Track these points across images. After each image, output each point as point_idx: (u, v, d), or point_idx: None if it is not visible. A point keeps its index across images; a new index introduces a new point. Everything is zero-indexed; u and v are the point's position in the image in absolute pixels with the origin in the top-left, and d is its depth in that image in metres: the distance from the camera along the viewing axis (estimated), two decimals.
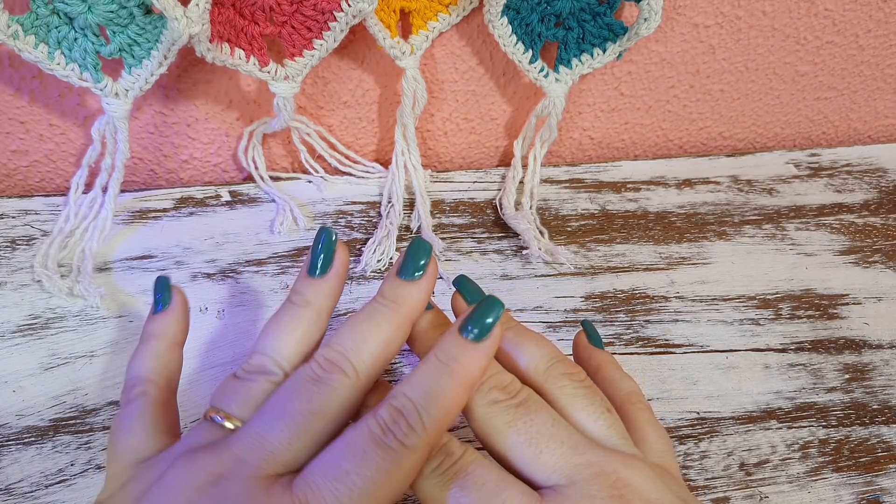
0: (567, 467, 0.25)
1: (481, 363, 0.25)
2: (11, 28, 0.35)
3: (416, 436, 0.23)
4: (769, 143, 0.57)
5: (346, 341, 0.25)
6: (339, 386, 0.25)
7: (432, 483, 0.25)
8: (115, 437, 0.27)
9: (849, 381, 0.39)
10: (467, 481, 0.24)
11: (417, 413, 0.23)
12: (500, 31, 0.43)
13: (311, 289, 0.28)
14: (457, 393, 0.24)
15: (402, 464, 0.23)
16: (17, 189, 0.48)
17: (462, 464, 0.25)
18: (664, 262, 0.45)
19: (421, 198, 0.46)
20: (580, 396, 0.27)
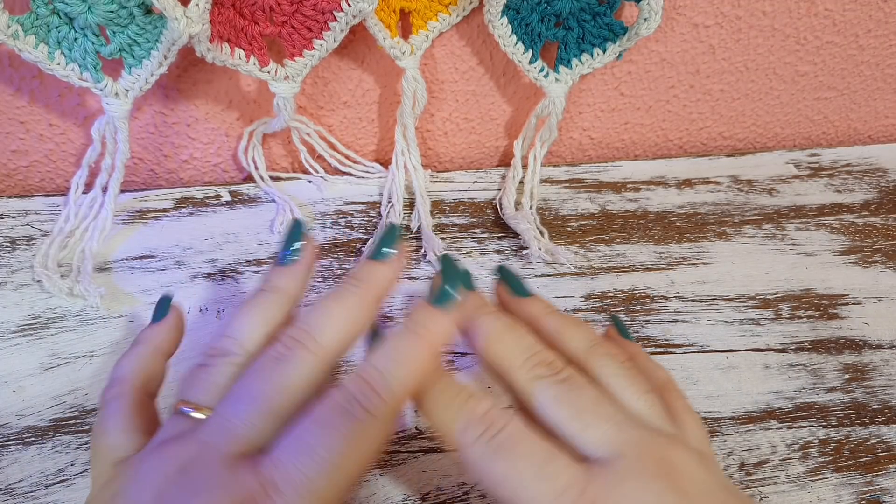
0: (613, 442, 0.25)
1: (445, 326, 0.25)
2: (11, 28, 0.35)
3: (382, 403, 0.23)
4: (769, 143, 0.57)
5: (311, 319, 0.26)
6: (302, 362, 0.25)
7: (479, 451, 0.24)
8: (94, 439, 0.27)
9: (849, 381, 0.39)
10: (515, 452, 0.24)
11: (384, 379, 0.24)
12: (500, 31, 0.43)
13: (280, 275, 0.28)
14: (421, 355, 0.25)
15: (368, 431, 0.23)
16: (17, 189, 0.48)
17: (508, 434, 0.25)
18: (664, 262, 0.45)
19: (421, 198, 0.46)
20: (622, 376, 0.27)
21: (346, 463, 0.23)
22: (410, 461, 0.34)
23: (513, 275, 0.31)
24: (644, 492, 0.23)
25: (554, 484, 0.23)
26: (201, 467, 0.23)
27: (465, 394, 0.26)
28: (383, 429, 0.24)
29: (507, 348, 0.27)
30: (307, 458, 0.22)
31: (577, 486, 0.23)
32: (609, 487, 0.23)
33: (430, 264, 0.43)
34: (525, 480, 0.24)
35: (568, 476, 0.24)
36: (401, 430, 0.35)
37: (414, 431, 0.35)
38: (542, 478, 0.24)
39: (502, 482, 0.24)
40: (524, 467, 0.24)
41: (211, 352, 0.27)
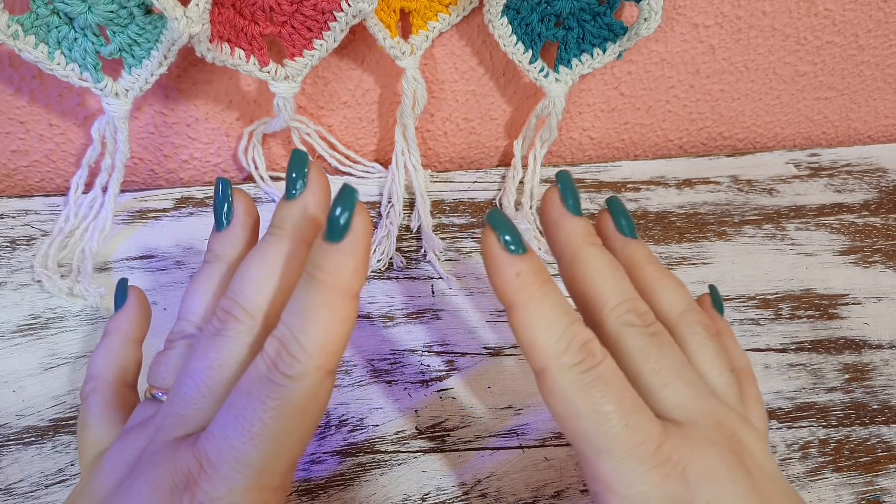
0: (690, 408, 0.24)
1: (348, 264, 0.22)
2: (11, 28, 0.35)
3: (299, 364, 0.22)
4: (769, 143, 0.57)
5: (235, 286, 0.24)
6: (234, 333, 0.24)
7: (572, 379, 0.23)
8: (78, 436, 0.27)
9: (849, 381, 0.39)
10: (608, 391, 0.23)
11: (295, 339, 0.22)
12: (500, 31, 0.43)
13: (218, 242, 0.27)
14: (331, 305, 0.22)
15: (292, 396, 0.22)
16: (17, 189, 0.48)
17: (603, 370, 0.23)
18: (664, 262, 0.45)
19: (421, 198, 0.46)
20: (709, 348, 0.27)
21: (276, 431, 0.22)
22: (410, 461, 0.34)
23: (622, 210, 0.29)
24: (716, 461, 0.23)
25: (635, 433, 0.23)
26: (151, 451, 0.24)
27: (571, 316, 0.24)
28: (309, 390, 0.22)
29: (607, 285, 0.26)
30: (234, 431, 0.22)
31: (654, 442, 0.23)
32: (683, 450, 0.23)
33: (430, 264, 0.43)
34: (608, 423, 0.23)
35: (649, 429, 0.23)
36: (400, 430, 0.35)
37: (414, 431, 0.35)
38: (625, 424, 0.23)
39: (584, 416, 0.23)
40: (611, 409, 0.23)
41: (170, 336, 0.27)
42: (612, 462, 0.23)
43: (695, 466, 0.23)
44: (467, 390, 0.37)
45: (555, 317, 0.23)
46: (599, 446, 0.23)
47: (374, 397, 0.37)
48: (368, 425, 0.36)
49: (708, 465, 0.23)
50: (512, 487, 0.34)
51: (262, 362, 0.22)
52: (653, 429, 0.23)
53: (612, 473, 0.23)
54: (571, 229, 0.26)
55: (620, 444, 0.23)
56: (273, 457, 0.22)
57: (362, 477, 0.34)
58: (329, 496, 0.33)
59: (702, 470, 0.23)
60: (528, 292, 0.24)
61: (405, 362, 0.38)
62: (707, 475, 0.23)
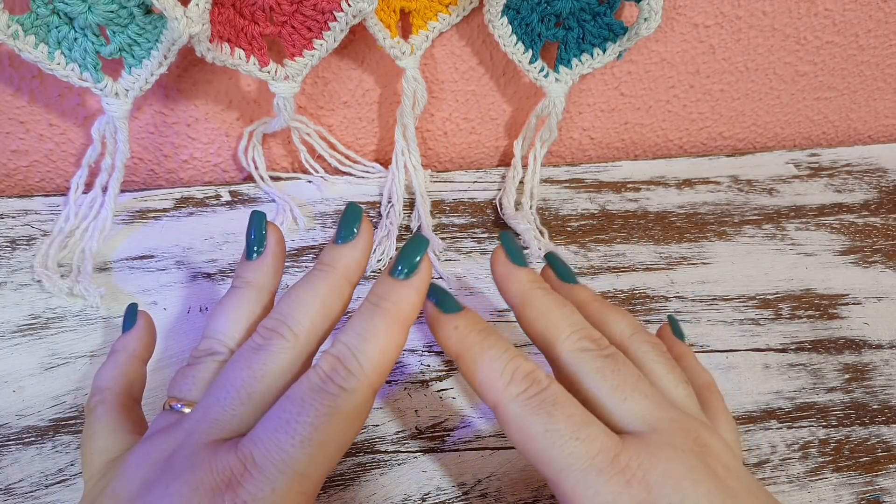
0: (650, 417, 0.25)
1: (412, 299, 0.25)
2: (11, 28, 0.35)
3: (354, 378, 0.23)
4: (769, 143, 0.57)
5: (283, 308, 0.26)
6: (279, 349, 0.25)
7: (520, 406, 0.25)
8: (84, 445, 0.28)
9: (849, 381, 0.39)
10: (556, 411, 0.24)
11: (353, 356, 0.24)
12: (500, 31, 0.43)
13: (249, 270, 0.29)
14: (390, 330, 0.24)
15: (343, 407, 0.23)
16: (17, 189, 0.48)
17: (550, 393, 0.25)
18: (664, 262, 0.45)
19: (421, 198, 0.46)
20: (662, 363, 0.28)
21: (322, 437, 0.23)
22: (410, 461, 0.34)
23: (560, 261, 0.32)
24: (676, 463, 0.24)
25: (589, 446, 0.24)
26: (185, 453, 0.24)
27: (512, 352, 0.26)
28: (359, 404, 0.24)
29: (556, 321, 0.28)
30: (284, 434, 0.23)
31: (611, 451, 0.24)
32: (642, 456, 0.24)
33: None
34: (561, 439, 0.24)
35: (603, 440, 0.24)
36: (400, 430, 0.35)
37: (414, 431, 0.35)
38: (578, 438, 0.24)
39: (538, 438, 0.24)
40: (562, 426, 0.24)
41: (196, 353, 0.28)
42: (572, 477, 0.24)
43: (656, 471, 0.24)
44: (467, 390, 0.37)
45: (496, 355, 0.26)
46: (558, 464, 0.24)
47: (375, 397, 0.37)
48: (368, 425, 0.36)
49: (669, 468, 0.24)
50: (512, 487, 0.34)
51: (316, 374, 0.24)
52: (607, 439, 0.24)
53: (576, 489, 0.24)
54: (519, 277, 0.29)
55: (577, 458, 0.24)
56: (316, 463, 0.23)
57: (362, 477, 0.34)
58: (329, 496, 0.33)
59: (663, 473, 0.24)
60: (468, 341, 0.26)
61: (405, 362, 0.38)
62: (669, 477, 0.24)
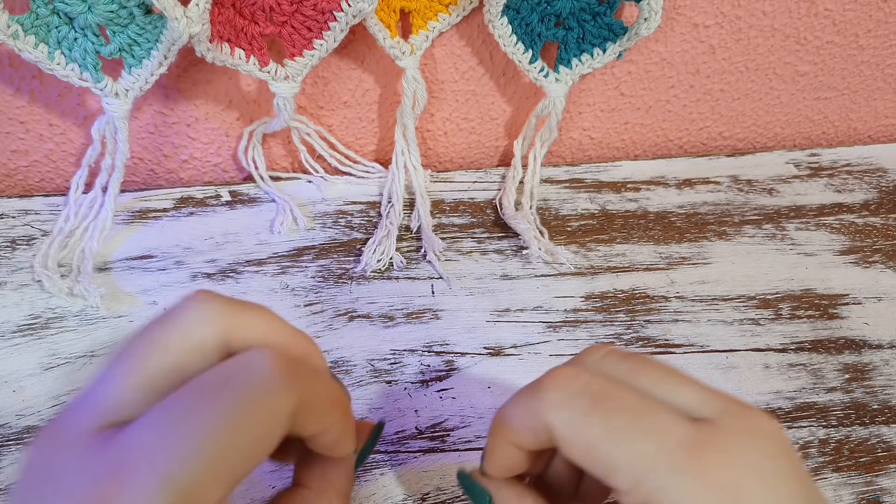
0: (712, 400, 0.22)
1: None
2: (11, 28, 0.35)
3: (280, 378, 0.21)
4: (769, 143, 0.57)
5: None
6: None
7: (566, 413, 0.21)
8: None
9: (849, 381, 0.39)
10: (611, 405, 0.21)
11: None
12: (500, 31, 0.43)
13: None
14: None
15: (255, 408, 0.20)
16: (17, 189, 0.48)
17: (597, 387, 0.22)
18: (664, 262, 0.45)
19: (421, 198, 0.46)
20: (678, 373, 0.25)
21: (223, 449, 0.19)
22: (410, 461, 0.34)
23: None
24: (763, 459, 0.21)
25: (662, 440, 0.20)
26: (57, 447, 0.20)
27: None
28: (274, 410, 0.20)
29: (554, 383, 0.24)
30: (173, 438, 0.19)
31: (691, 444, 0.20)
32: (726, 448, 0.20)
33: (430, 264, 0.43)
34: (627, 437, 0.20)
35: (678, 431, 0.21)
36: (400, 430, 0.35)
37: (414, 431, 0.35)
38: (646, 430, 0.20)
39: (600, 443, 0.21)
40: (624, 422, 0.21)
41: None
42: (650, 481, 0.20)
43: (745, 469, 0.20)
44: (467, 390, 0.37)
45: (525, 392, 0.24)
46: (631, 470, 0.20)
47: (374, 397, 0.37)
48: None
49: (759, 467, 0.21)
50: None
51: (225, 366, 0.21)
52: (681, 429, 0.21)
53: (655, 493, 0.20)
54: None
55: (651, 456, 0.20)
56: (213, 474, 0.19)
57: (362, 477, 0.34)
58: None
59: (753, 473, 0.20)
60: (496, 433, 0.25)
61: (405, 362, 0.38)
62: (759, 477, 0.20)
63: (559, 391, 0.22)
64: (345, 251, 0.44)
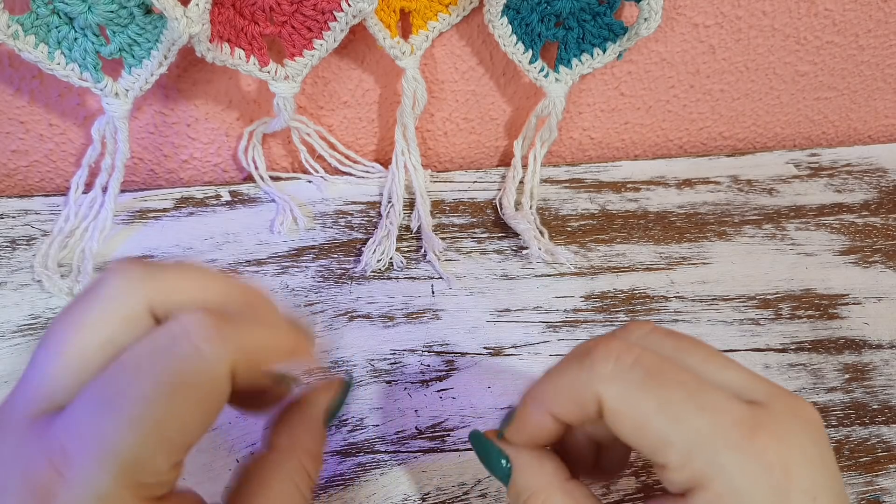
0: (757, 388, 0.22)
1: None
2: (11, 28, 0.35)
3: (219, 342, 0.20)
4: (769, 143, 0.57)
5: None
6: None
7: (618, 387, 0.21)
8: None
9: (849, 381, 0.39)
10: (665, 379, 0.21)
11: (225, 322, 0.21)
12: (500, 31, 0.43)
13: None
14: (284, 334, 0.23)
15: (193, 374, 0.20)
16: (17, 189, 0.48)
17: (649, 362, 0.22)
18: (664, 262, 0.45)
19: (421, 198, 0.46)
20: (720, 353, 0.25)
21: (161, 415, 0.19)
22: (410, 461, 0.34)
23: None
24: (809, 445, 0.21)
25: (718, 418, 0.20)
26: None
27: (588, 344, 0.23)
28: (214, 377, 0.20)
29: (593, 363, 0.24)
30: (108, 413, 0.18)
31: (746, 424, 0.20)
32: (778, 433, 0.21)
33: (430, 264, 0.43)
34: (683, 412, 0.20)
35: (733, 409, 0.21)
36: (400, 430, 0.35)
37: (414, 431, 0.35)
38: (703, 408, 0.20)
39: (653, 417, 0.21)
40: (679, 397, 0.20)
41: None
42: (702, 458, 0.20)
43: (795, 453, 0.21)
44: (467, 390, 0.37)
45: (568, 362, 0.23)
46: (685, 444, 0.20)
47: (374, 397, 0.37)
48: (368, 425, 0.36)
49: (806, 453, 0.21)
50: None
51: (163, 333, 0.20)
52: (736, 408, 0.21)
53: (706, 468, 0.20)
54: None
55: (707, 434, 0.20)
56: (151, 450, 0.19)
57: (362, 477, 0.34)
58: (329, 496, 0.33)
59: (801, 457, 0.21)
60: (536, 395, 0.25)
61: (405, 362, 0.38)
62: (806, 462, 0.21)
63: (613, 362, 0.22)
64: (345, 251, 0.44)
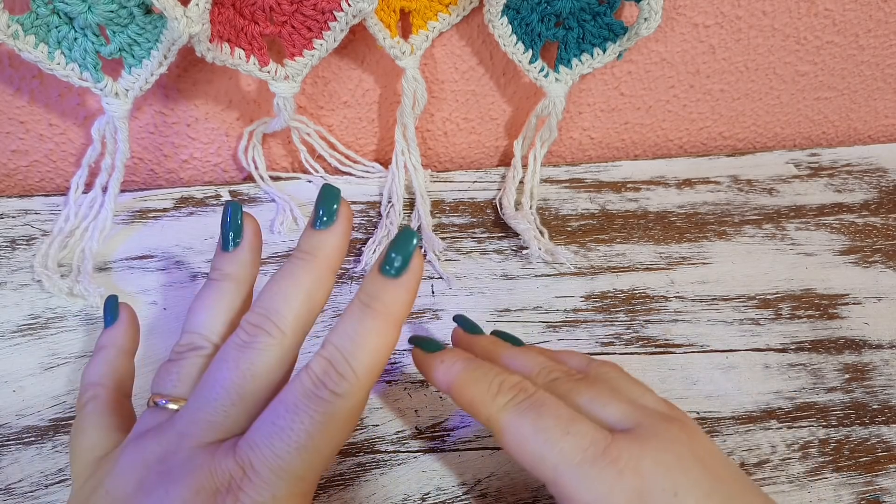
0: (631, 416, 0.27)
1: (404, 298, 0.24)
2: (11, 28, 0.35)
3: (347, 383, 0.23)
4: (769, 143, 0.57)
5: (267, 302, 0.26)
6: (265, 346, 0.25)
7: (510, 413, 0.26)
8: (73, 442, 0.28)
9: (849, 381, 0.39)
10: (544, 411, 0.26)
11: (345, 360, 0.23)
12: (500, 31, 0.43)
13: (226, 262, 0.29)
14: (383, 332, 0.24)
15: (337, 412, 0.23)
16: (17, 189, 0.48)
17: (538, 397, 0.27)
18: (664, 261, 0.45)
19: (421, 198, 0.46)
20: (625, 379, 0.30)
21: (318, 443, 0.23)
22: (410, 461, 0.34)
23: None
24: (665, 452, 0.25)
25: (580, 440, 0.25)
26: (180, 455, 0.24)
27: (497, 370, 0.28)
28: (352, 407, 0.24)
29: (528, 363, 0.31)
30: (279, 441, 0.23)
31: (601, 443, 0.25)
32: (632, 447, 0.25)
33: (430, 264, 0.43)
34: (553, 436, 0.25)
35: (592, 433, 0.25)
36: (400, 430, 0.35)
37: (414, 431, 0.35)
38: (568, 433, 0.25)
39: (530, 439, 0.26)
40: (552, 424, 0.26)
41: (178, 348, 0.28)
42: (567, 472, 0.25)
43: (646, 459, 0.25)
44: None
45: (482, 374, 0.28)
46: (552, 461, 0.25)
47: (374, 397, 0.37)
48: (368, 425, 0.36)
49: (659, 457, 0.25)
50: (512, 487, 0.34)
51: (308, 378, 0.24)
52: (596, 432, 0.25)
53: (571, 482, 0.25)
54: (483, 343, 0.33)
55: (569, 453, 0.25)
56: (312, 467, 0.23)
57: (362, 477, 0.34)
58: (329, 496, 0.33)
59: (653, 461, 0.25)
60: (454, 369, 0.28)
61: (405, 362, 0.38)
62: (659, 465, 0.25)
63: (504, 394, 0.27)
64: None
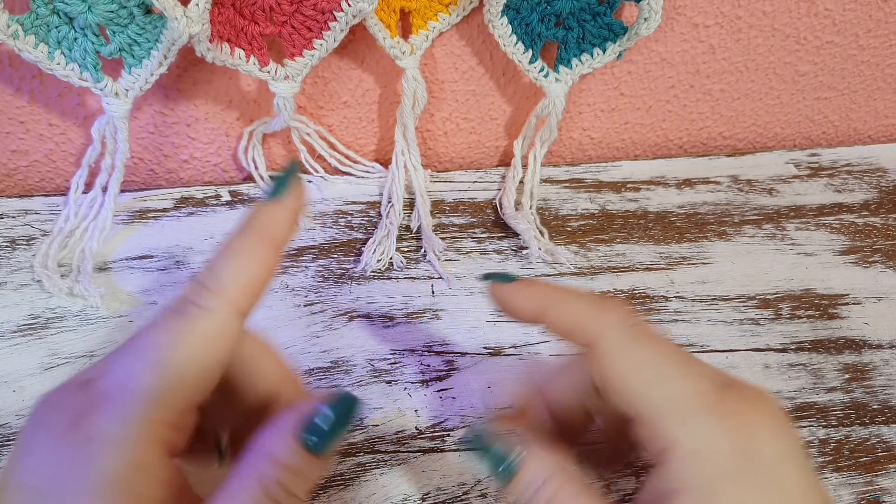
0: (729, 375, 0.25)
1: (279, 215, 0.24)
2: (11, 28, 0.35)
3: (210, 294, 0.23)
4: (769, 143, 0.57)
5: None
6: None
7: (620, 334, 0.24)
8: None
9: (849, 381, 0.39)
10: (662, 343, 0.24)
11: (212, 272, 0.23)
12: (500, 31, 0.43)
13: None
14: (253, 247, 0.23)
15: (198, 326, 0.22)
16: (17, 189, 0.48)
17: (651, 326, 0.25)
18: (664, 262, 0.45)
19: (421, 198, 0.46)
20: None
21: (177, 360, 0.22)
22: (410, 461, 0.34)
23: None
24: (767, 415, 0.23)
25: (699, 382, 0.23)
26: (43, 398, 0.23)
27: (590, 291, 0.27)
28: (219, 323, 0.22)
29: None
30: (134, 359, 0.22)
31: (720, 391, 0.23)
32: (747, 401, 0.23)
33: (430, 264, 0.43)
34: (669, 372, 0.23)
35: (712, 377, 0.23)
36: (400, 430, 0.35)
37: (414, 431, 0.35)
38: (687, 374, 0.23)
39: (642, 370, 0.23)
40: (670, 359, 0.23)
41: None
42: (675, 415, 0.22)
43: (760, 421, 0.23)
44: (467, 390, 0.37)
45: (577, 294, 0.26)
46: (661, 400, 0.23)
47: (374, 397, 0.37)
48: (368, 425, 0.36)
49: (763, 420, 0.23)
50: None
51: (174, 299, 0.23)
52: (716, 376, 0.23)
53: (676, 427, 0.22)
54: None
55: (685, 395, 0.22)
56: (171, 389, 0.22)
57: (362, 477, 0.34)
58: (329, 496, 0.33)
59: (760, 423, 0.23)
60: (547, 291, 0.26)
61: (405, 362, 0.38)
62: (765, 429, 0.23)
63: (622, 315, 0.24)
64: (345, 251, 0.44)
